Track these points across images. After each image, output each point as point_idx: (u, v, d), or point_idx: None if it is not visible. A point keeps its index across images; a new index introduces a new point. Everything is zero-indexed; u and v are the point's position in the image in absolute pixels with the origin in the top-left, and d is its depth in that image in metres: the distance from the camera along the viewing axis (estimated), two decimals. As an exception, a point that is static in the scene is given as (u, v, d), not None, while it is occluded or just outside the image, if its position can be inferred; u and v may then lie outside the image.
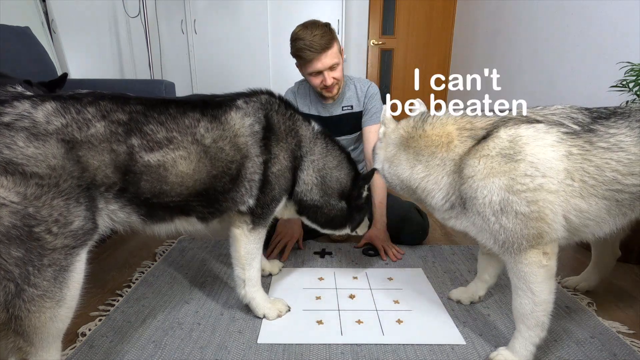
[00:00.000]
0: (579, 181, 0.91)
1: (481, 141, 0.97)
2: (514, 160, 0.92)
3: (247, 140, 1.06)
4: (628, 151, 0.91)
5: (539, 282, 0.94)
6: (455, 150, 1.01)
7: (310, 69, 1.62)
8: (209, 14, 3.75)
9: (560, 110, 0.99)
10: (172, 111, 0.96)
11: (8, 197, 0.71)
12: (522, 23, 3.00)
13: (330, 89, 1.69)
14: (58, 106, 0.81)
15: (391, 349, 1.11)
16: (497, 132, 0.96)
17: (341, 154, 1.34)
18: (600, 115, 0.97)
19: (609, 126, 0.94)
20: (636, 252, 1.61)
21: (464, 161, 0.98)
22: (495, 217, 0.94)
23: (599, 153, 0.91)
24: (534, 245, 0.93)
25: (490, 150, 0.95)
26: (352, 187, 1.34)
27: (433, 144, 1.05)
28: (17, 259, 0.72)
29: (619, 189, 0.91)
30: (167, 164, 0.93)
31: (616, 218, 0.97)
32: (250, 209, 1.13)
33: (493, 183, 0.92)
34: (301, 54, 1.58)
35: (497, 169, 0.92)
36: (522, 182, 0.90)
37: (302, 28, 1.59)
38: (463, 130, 1.03)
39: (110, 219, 0.91)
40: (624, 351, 1.10)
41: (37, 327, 0.77)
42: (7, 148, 0.72)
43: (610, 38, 2.09)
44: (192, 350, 1.09)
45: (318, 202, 1.27)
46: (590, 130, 0.93)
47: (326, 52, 1.58)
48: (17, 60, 1.93)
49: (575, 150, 0.92)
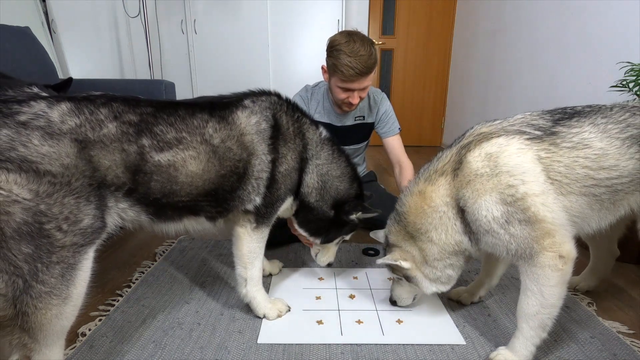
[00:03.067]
0: (555, 180, 0.95)
1: (457, 173, 1.02)
2: (494, 175, 0.96)
3: (253, 138, 1.07)
4: (593, 147, 0.95)
5: (551, 285, 0.94)
6: (434, 194, 1.06)
7: (343, 84, 1.56)
8: (209, 14, 3.75)
9: (520, 120, 1.03)
10: (182, 112, 0.98)
11: (21, 194, 0.72)
12: (522, 23, 3.00)
13: (352, 106, 1.65)
14: (72, 107, 0.83)
15: (391, 349, 1.11)
16: (465, 159, 1.01)
17: (347, 166, 1.33)
18: (563, 117, 1.01)
19: (571, 126, 0.98)
20: (635, 252, 1.61)
21: (456, 197, 1.03)
22: (503, 229, 0.96)
23: (565, 153, 0.95)
24: (546, 247, 0.93)
25: (468, 176, 0.99)
26: (347, 203, 1.32)
27: (416, 210, 1.10)
28: (27, 255, 0.73)
29: (593, 184, 0.95)
30: (177, 164, 0.94)
31: (600, 213, 1.00)
32: (256, 208, 1.14)
33: (486, 201, 0.96)
34: (342, 69, 1.50)
35: (483, 188, 0.97)
36: (509, 193, 0.94)
37: (348, 40, 1.50)
38: (429, 177, 1.09)
39: (119, 217, 0.92)
40: (624, 351, 1.11)
41: (42, 324, 0.78)
42: (22, 146, 0.73)
43: (610, 38, 2.09)
44: (192, 350, 1.09)
45: (312, 204, 1.27)
46: (553, 133, 0.98)
47: (367, 76, 1.53)
48: (17, 60, 1.93)
49: (543, 154, 0.96)
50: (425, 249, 1.11)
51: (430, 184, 1.07)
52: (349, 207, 1.31)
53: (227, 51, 3.84)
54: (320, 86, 1.85)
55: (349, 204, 1.32)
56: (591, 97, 2.14)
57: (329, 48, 1.57)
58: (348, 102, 1.62)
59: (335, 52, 1.52)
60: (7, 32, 1.96)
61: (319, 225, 1.33)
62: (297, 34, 3.86)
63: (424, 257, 1.13)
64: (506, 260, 1.21)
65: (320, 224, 1.33)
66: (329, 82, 1.68)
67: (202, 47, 3.85)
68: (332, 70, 1.57)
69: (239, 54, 3.84)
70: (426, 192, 1.08)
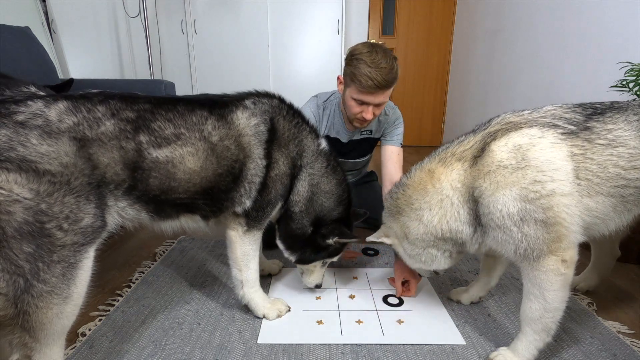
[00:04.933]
0: (585, 180, 0.91)
1: (477, 161, 0.97)
2: (519, 168, 0.91)
3: (250, 140, 1.06)
4: (627, 145, 0.91)
5: (554, 289, 0.93)
6: (444, 176, 1.02)
7: (358, 96, 1.47)
8: (209, 14, 3.75)
9: (552, 112, 0.98)
10: (180, 108, 0.98)
11: (22, 194, 0.72)
12: (522, 23, 3.00)
13: (364, 122, 1.56)
14: (70, 105, 0.83)
15: (391, 349, 1.11)
16: (489, 148, 0.96)
17: (338, 185, 1.27)
18: (595, 112, 0.96)
19: (605, 122, 0.93)
20: (636, 252, 1.61)
21: (470, 186, 0.98)
22: (517, 227, 0.92)
23: (599, 150, 0.91)
24: (552, 250, 0.91)
25: (489, 166, 0.94)
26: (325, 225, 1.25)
27: (419, 185, 1.07)
28: (28, 254, 0.73)
29: (623, 184, 0.91)
30: (175, 160, 0.94)
31: (621, 215, 0.96)
32: (246, 211, 1.13)
33: (504, 195, 0.91)
34: (360, 78, 1.40)
35: (504, 181, 0.92)
36: (534, 189, 0.89)
37: (370, 50, 1.42)
38: (445, 159, 1.04)
39: (119, 216, 0.93)
40: (624, 351, 1.11)
41: (43, 323, 0.78)
42: (21, 146, 0.73)
43: (610, 38, 2.09)
44: (192, 350, 1.09)
45: (295, 214, 1.23)
46: (587, 129, 0.93)
47: (385, 91, 1.45)
48: (17, 60, 1.93)
49: (576, 150, 0.91)
50: (410, 226, 1.10)
51: (444, 165, 1.03)
52: (326, 230, 1.24)
53: (227, 51, 3.84)
54: (331, 100, 1.73)
55: (327, 227, 1.25)
56: (591, 97, 2.12)
57: (349, 56, 1.49)
58: (361, 118, 1.52)
59: (355, 60, 1.43)
60: (7, 32, 1.96)
61: (294, 240, 1.27)
62: (297, 34, 3.86)
63: (404, 233, 1.12)
64: (507, 261, 1.20)
65: (296, 239, 1.26)
66: (343, 93, 1.58)
67: (202, 47, 3.85)
68: (350, 80, 1.47)
69: (239, 54, 3.85)
70: (436, 172, 1.04)
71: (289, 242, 1.28)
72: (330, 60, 3.91)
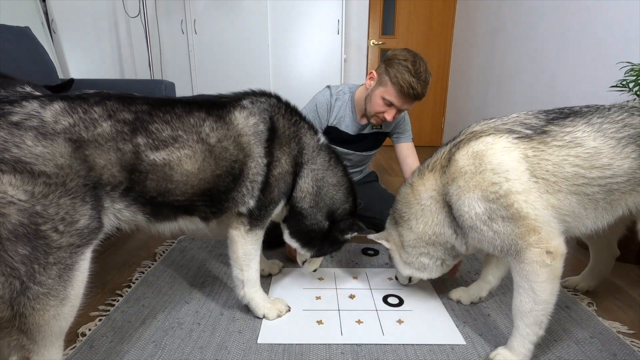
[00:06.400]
0: (541, 179, 0.96)
1: (445, 170, 1.08)
2: (478, 173, 0.99)
3: (249, 140, 1.06)
4: (586, 145, 0.96)
5: (541, 281, 0.94)
6: (421, 188, 1.14)
7: (389, 97, 1.54)
8: (209, 14, 3.75)
9: (514, 119, 1.05)
10: (178, 110, 0.97)
11: (16, 195, 0.71)
12: (522, 23, 3.00)
13: (381, 121, 1.64)
14: (66, 106, 0.82)
15: (391, 349, 1.11)
16: (453, 157, 1.06)
17: (343, 176, 1.30)
18: (558, 116, 1.02)
19: (565, 125, 0.99)
20: (635, 252, 1.61)
21: (443, 193, 1.09)
22: (487, 226, 0.99)
23: (555, 151, 0.97)
24: (532, 243, 0.94)
25: (454, 173, 1.04)
26: (343, 221, 1.30)
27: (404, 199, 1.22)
28: (23, 256, 0.73)
29: (584, 183, 0.96)
30: (172, 163, 0.94)
31: (595, 213, 1.00)
32: (249, 211, 1.13)
33: (470, 198, 1.00)
34: (402, 83, 1.47)
35: (467, 185, 1.01)
36: (493, 190, 0.97)
37: (415, 59, 1.49)
38: (421, 172, 1.17)
39: (116, 217, 0.92)
40: (624, 351, 1.11)
41: (40, 325, 0.78)
42: (16, 147, 0.73)
43: (610, 38, 2.09)
44: (192, 350, 1.09)
45: (305, 211, 1.24)
46: (544, 132, 0.99)
47: (415, 102, 1.55)
48: (17, 60, 1.93)
49: (530, 152, 0.97)
50: (404, 235, 1.22)
51: (420, 178, 1.16)
52: (344, 225, 1.30)
53: (227, 51, 3.84)
54: (345, 91, 1.77)
55: (345, 222, 1.30)
56: (591, 97, 2.14)
57: (392, 58, 1.53)
58: (382, 117, 1.59)
59: (398, 65, 1.49)
60: (7, 32, 1.96)
61: (312, 236, 1.29)
62: (297, 34, 3.86)
63: (401, 241, 1.24)
64: (503, 260, 1.24)
65: (313, 235, 1.29)
66: (370, 89, 1.62)
67: (202, 47, 3.85)
68: (388, 80, 1.52)
69: (239, 54, 3.84)
70: (414, 184, 1.17)
71: (306, 238, 1.30)
72: (330, 60, 3.91)
